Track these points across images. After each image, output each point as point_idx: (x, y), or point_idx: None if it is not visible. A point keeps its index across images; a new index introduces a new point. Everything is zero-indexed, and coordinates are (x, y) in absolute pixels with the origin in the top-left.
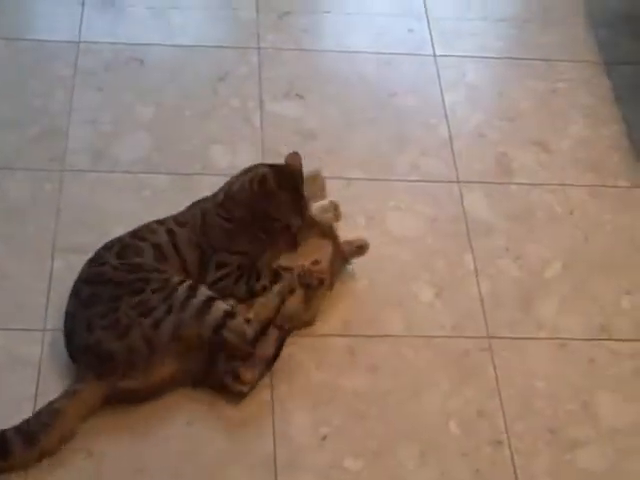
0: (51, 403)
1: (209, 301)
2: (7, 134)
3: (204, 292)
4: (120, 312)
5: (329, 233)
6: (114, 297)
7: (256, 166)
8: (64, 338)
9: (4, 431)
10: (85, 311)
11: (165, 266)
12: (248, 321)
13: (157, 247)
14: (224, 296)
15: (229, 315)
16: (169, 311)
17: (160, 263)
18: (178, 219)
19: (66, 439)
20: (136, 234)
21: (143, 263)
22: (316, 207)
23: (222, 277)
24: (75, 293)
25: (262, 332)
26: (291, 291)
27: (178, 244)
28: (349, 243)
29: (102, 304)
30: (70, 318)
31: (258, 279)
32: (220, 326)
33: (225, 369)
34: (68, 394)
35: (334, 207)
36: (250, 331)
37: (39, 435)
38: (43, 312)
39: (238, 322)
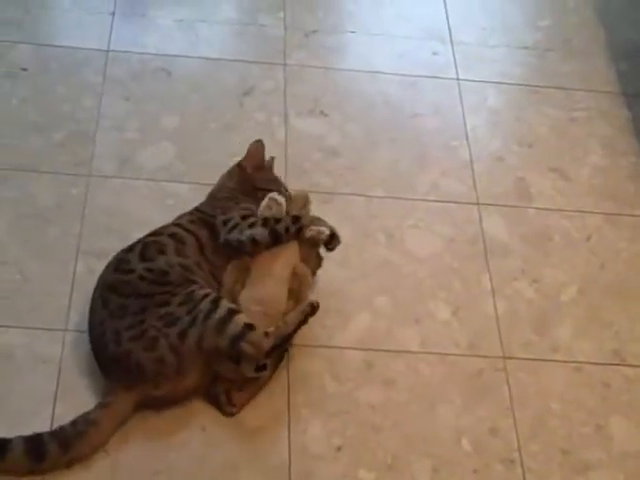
0: (87, 414)
1: (231, 314)
2: (35, 138)
3: (226, 305)
4: (147, 324)
5: None
6: (141, 309)
7: None
8: (92, 348)
9: (41, 434)
10: (113, 322)
11: (184, 252)
12: (267, 334)
13: (174, 236)
14: (247, 247)
15: (249, 327)
16: (193, 322)
17: (180, 253)
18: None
19: (98, 448)
20: (153, 233)
21: (169, 272)
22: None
23: (233, 227)
24: (103, 302)
25: (276, 347)
26: (312, 312)
27: (187, 227)
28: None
29: (130, 315)
30: (97, 327)
31: (278, 221)
32: (239, 337)
33: (222, 388)
34: (101, 406)
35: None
36: (267, 344)
37: (74, 441)
38: (65, 313)
39: (257, 334)
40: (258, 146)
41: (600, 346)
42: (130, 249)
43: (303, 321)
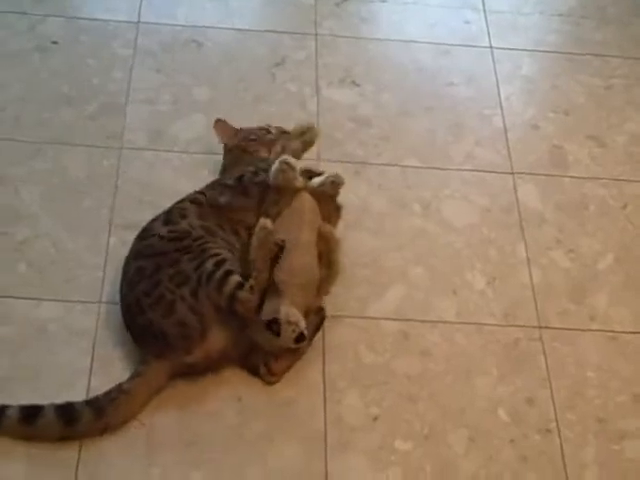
0: (120, 384)
1: (227, 274)
2: (66, 111)
3: (226, 266)
4: (162, 286)
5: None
6: (155, 269)
7: None
8: (124, 319)
9: (73, 402)
10: (133, 290)
11: (205, 215)
12: (251, 289)
13: (194, 201)
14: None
15: (239, 287)
16: (199, 282)
17: (201, 217)
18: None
19: (131, 416)
20: (176, 202)
21: (190, 230)
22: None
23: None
24: (127, 271)
25: (262, 296)
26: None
27: (205, 192)
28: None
29: (145, 279)
30: (123, 297)
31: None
32: (232, 298)
33: (260, 358)
34: (135, 375)
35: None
36: (254, 300)
37: (107, 409)
38: (99, 285)
39: (244, 293)
40: (219, 124)
41: (637, 315)
42: (155, 219)
43: (274, 261)
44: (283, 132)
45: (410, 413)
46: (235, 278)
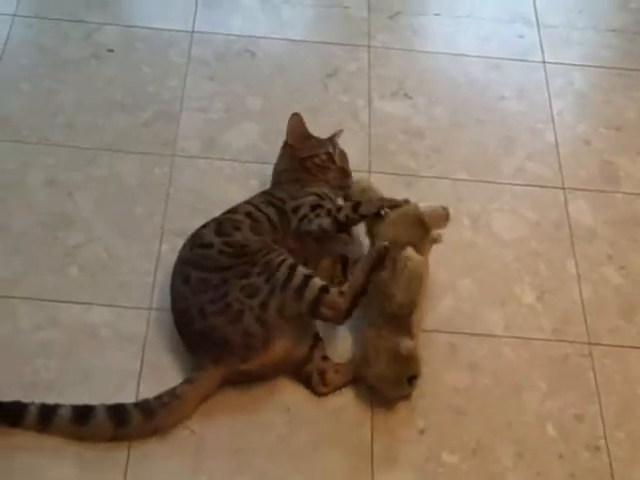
0: (173, 389)
1: (307, 279)
2: (121, 118)
3: (302, 271)
4: (230, 297)
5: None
6: (223, 281)
7: None
8: (176, 324)
9: (124, 404)
10: (196, 297)
11: (260, 230)
12: (341, 293)
13: (249, 215)
14: (318, 236)
15: (324, 290)
16: (272, 292)
17: (255, 231)
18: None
19: (181, 420)
20: (227, 211)
21: (247, 245)
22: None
23: (302, 218)
24: (184, 278)
25: (355, 303)
26: (380, 257)
27: (260, 207)
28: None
29: (212, 289)
30: (180, 303)
31: (339, 210)
32: (317, 302)
33: (316, 367)
34: (188, 381)
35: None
36: (343, 303)
37: (157, 412)
38: (150, 291)
39: (332, 296)
40: (295, 119)
41: None
42: (204, 226)
43: (374, 267)
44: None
45: (458, 426)
46: (317, 281)
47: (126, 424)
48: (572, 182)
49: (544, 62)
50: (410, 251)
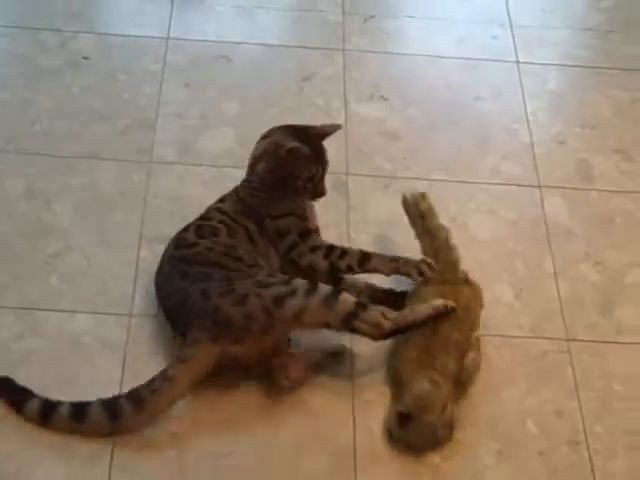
0: (164, 370)
1: (336, 292)
2: (97, 126)
3: (327, 287)
4: (236, 284)
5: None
6: (226, 277)
7: (271, 132)
8: (170, 315)
9: (117, 395)
10: (197, 285)
11: (237, 240)
12: (385, 317)
13: (222, 223)
14: (306, 272)
15: (361, 306)
16: (294, 293)
17: (233, 238)
18: (217, 202)
19: (175, 402)
20: (201, 217)
21: (237, 247)
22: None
23: (291, 247)
24: (181, 273)
25: (397, 333)
26: (445, 312)
27: (233, 216)
28: None
29: (215, 280)
30: (178, 295)
31: (342, 256)
32: (352, 316)
33: (279, 362)
34: (180, 360)
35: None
36: (387, 325)
37: (148, 399)
38: (130, 298)
39: (374, 314)
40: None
41: None
42: (185, 229)
43: (432, 317)
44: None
45: None
46: (348, 296)
47: (119, 417)
48: (548, 181)
49: (518, 62)
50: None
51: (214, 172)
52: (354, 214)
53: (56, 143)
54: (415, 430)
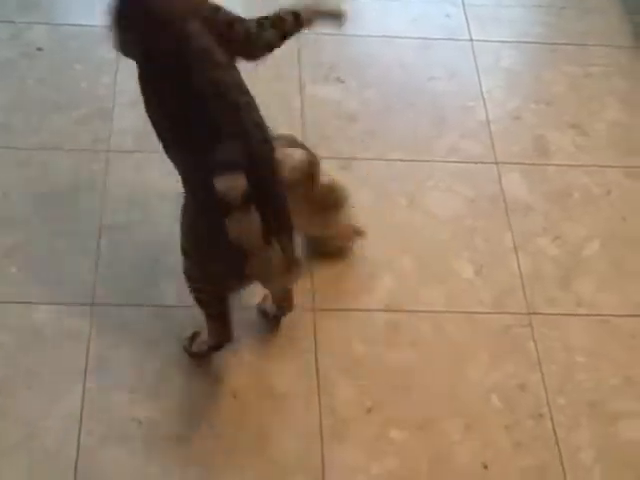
0: None
1: None
2: (54, 116)
3: None
4: None
5: None
6: None
7: None
8: None
9: None
10: None
11: None
12: None
13: None
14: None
15: None
16: None
17: None
18: None
19: None
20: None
21: None
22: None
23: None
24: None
25: None
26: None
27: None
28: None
29: None
30: None
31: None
32: None
33: None
34: None
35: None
36: None
37: None
38: (91, 287)
39: None
40: None
41: (625, 298)
42: None
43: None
44: None
45: (404, 403)
46: None
47: None
48: (505, 157)
49: (471, 40)
50: None
51: None
52: None
53: (13, 135)
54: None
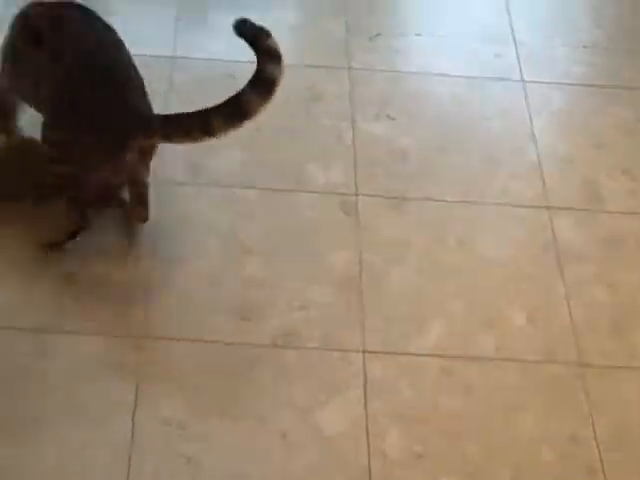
0: None
1: None
2: None
3: None
4: None
5: None
6: None
7: None
8: None
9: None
10: None
11: None
12: None
13: None
14: None
15: None
16: None
17: None
18: None
19: None
20: None
21: None
22: None
23: None
24: None
25: None
26: None
27: None
28: None
29: None
30: None
31: None
32: None
33: None
34: None
35: None
36: None
37: None
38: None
39: None
40: None
41: None
42: None
43: None
44: None
45: (454, 450)
46: None
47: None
48: (556, 201)
49: (523, 81)
50: None
51: (224, 191)
52: (366, 235)
53: None
54: None
